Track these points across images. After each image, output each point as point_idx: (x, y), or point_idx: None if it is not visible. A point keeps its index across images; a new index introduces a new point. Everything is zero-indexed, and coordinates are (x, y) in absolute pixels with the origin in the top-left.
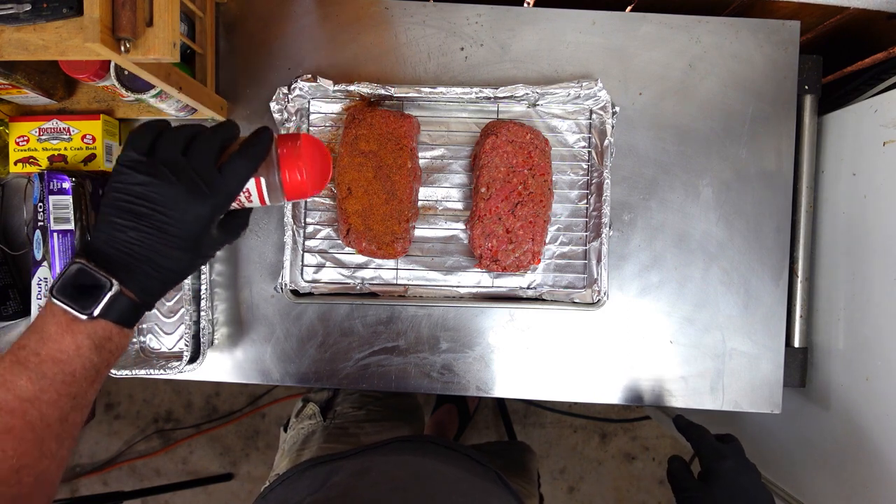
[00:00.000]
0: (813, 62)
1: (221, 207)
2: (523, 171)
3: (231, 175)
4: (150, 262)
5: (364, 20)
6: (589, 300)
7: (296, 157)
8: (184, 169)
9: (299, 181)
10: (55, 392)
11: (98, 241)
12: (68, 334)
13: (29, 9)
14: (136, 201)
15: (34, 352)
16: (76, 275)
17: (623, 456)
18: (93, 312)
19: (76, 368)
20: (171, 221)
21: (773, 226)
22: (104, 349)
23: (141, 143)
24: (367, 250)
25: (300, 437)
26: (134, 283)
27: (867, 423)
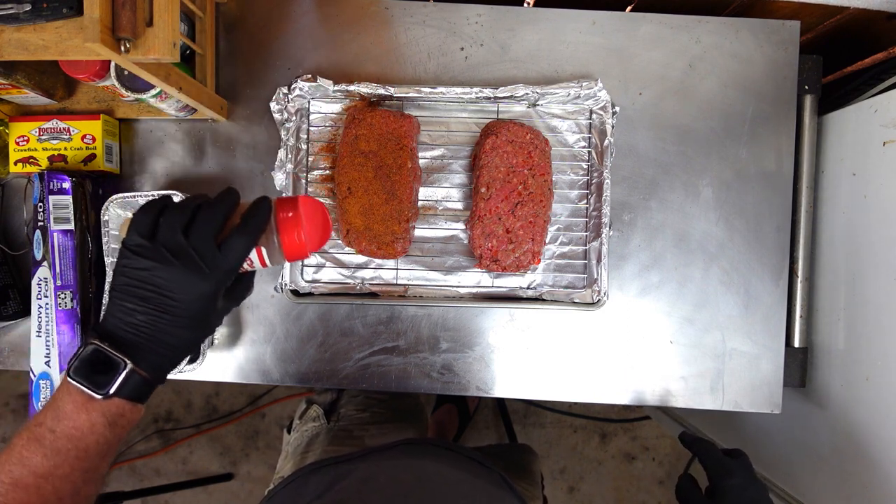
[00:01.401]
0: (813, 62)
1: (224, 283)
2: (523, 171)
3: (231, 252)
4: (158, 343)
5: (364, 20)
6: (589, 300)
7: (295, 221)
8: (184, 251)
9: (298, 244)
10: (69, 467)
11: (109, 323)
12: (83, 412)
13: (29, 9)
14: (141, 285)
15: (50, 429)
16: (91, 355)
17: (623, 456)
18: (108, 391)
19: (90, 444)
20: (176, 303)
21: (773, 226)
22: (117, 425)
23: (143, 227)
24: (367, 250)
25: (304, 439)
26: (145, 362)
27: (867, 423)
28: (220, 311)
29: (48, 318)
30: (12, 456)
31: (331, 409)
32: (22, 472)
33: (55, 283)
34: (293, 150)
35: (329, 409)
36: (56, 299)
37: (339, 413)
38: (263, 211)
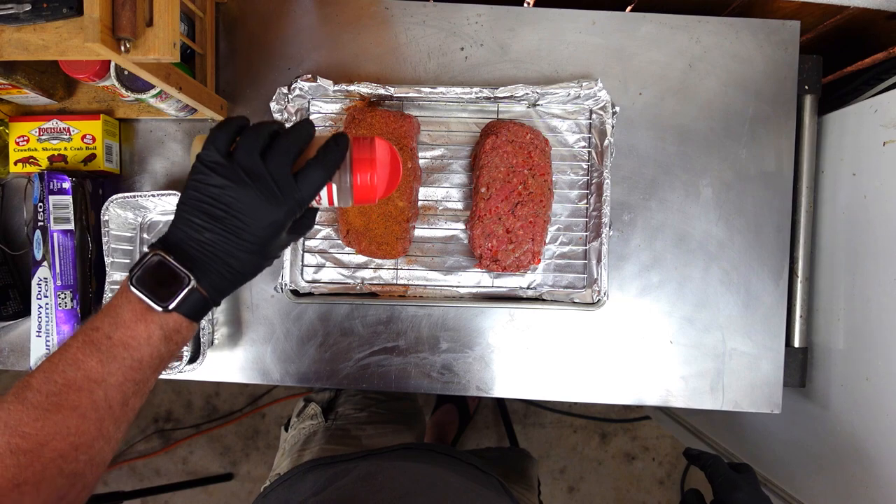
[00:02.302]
0: (813, 62)
1: (294, 213)
2: (523, 171)
3: (307, 184)
4: (223, 264)
5: (364, 20)
6: (589, 300)
7: (369, 161)
8: (262, 175)
9: (369, 186)
10: (122, 376)
11: (175, 237)
12: (142, 322)
13: (29, 9)
14: (214, 203)
15: (106, 335)
16: (156, 267)
17: (623, 456)
18: (168, 305)
19: (144, 356)
20: (246, 226)
21: (773, 226)
22: (172, 340)
23: (221, 144)
24: (367, 250)
25: (301, 437)
26: (207, 280)
27: (867, 424)
28: (282, 243)
29: (48, 318)
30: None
31: (329, 408)
32: (76, 374)
33: (55, 283)
34: None
35: (327, 408)
36: (56, 299)
37: (336, 412)
38: (342, 146)
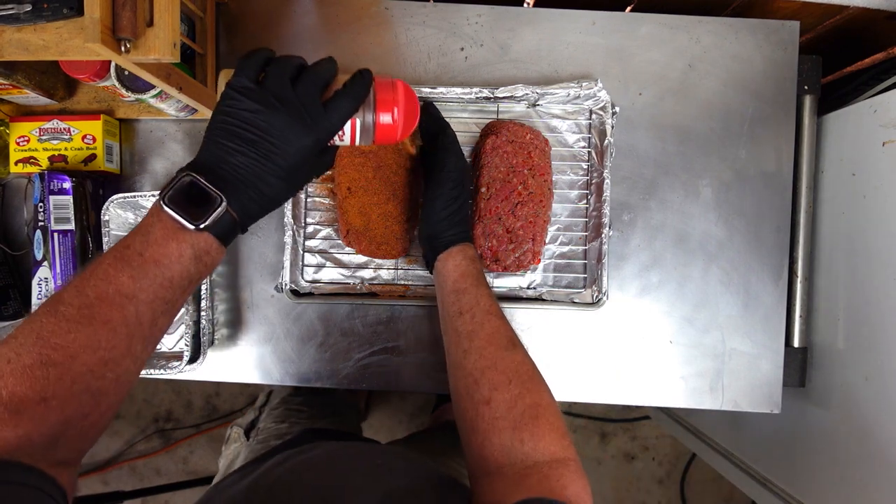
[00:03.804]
0: (812, 62)
1: (322, 142)
2: (523, 171)
3: (335, 112)
4: (253, 187)
5: (364, 20)
6: (589, 300)
7: (392, 101)
8: (292, 101)
9: (392, 125)
10: (152, 293)
11: (206, 159)
12: (173, 241)
13: (29, 9)
14: (246, 126)
15: (138, 252)
16: (188, 187)
17: (623, 456)
18: (200, 224)
19: (174, 274)
20: (277, 150)
21: (772, 226)
22: (201, 261)
23: (251, 71)
24: (367, 250)
25: (227, 462)
26: (237, 203)
27: (867, 423)
28: (309, 173)
29: None
30: (98, 272)
31: (251, 428)
32: (108, 288)
33: (56, 283)
34: None
35: (249, 428)
36: None
37: (258, 429)
38: (367, 79)
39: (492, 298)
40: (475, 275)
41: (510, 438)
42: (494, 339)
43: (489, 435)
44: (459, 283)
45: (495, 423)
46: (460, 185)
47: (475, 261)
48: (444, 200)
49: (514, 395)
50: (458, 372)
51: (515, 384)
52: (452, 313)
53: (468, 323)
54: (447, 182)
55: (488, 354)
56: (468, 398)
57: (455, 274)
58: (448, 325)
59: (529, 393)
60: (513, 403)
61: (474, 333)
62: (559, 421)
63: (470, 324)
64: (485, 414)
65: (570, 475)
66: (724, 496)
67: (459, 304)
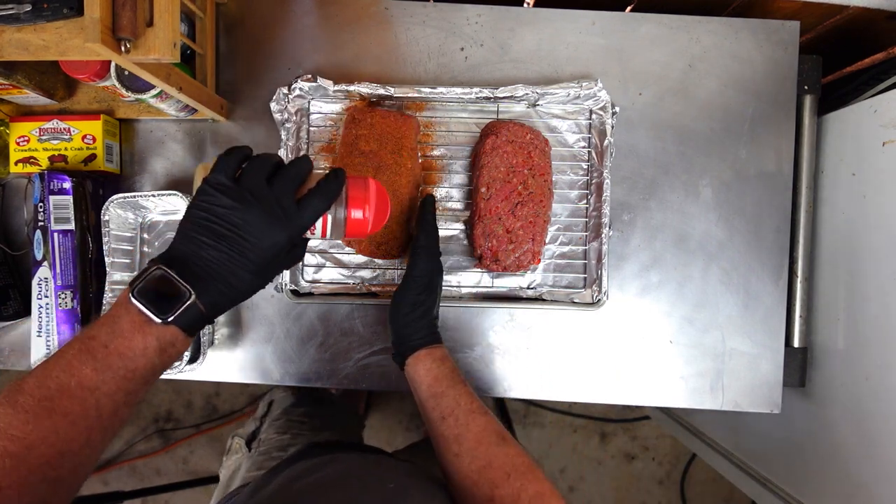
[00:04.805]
0: (813, 62)
1: (296, 237)
2: (523, 171)
3: (308, 209)
4: (223, 281)
5: (364, 20)
6: (589, 300)
7: (364, 198)
8: (267, 198)
9: (362, 220)
10: (115, 385)
11: (179, 252)
12: (139, 333)
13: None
14: (220, 222)
15: (103, 344)
16: (158, 280)
17: (623, 456)
18: (168, 318)
19: (139, 366)
20: (250, 246)
21: (772, 226)
22: (166, 353)
23: (229, 168)
24: (367, 250)
25: (229, 473)
26: (207, 296)
27: (867, 423)
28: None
29: (49, 318)
30: (61, 363)
31: (252, 438)
32: (69, 380)
33: (56, 283)
34: (293, 151)
35: (250, 439)
36: (56, 299)
37: (259, 440)
38: (340, 179)
39: (471, 396)
40: (449, 375)
41: None
42: (484, 438)
43: None
44: (434, 387)
45: None
46: (426, 289)
47: (445, 360)
48: (408, 305)
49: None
50: (454, 476)
51: (515, 477)
52: (435, 418)
53: (453, 427)
54: (413, 287)
55: (481, 454)
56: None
57: (428, 379)
58: (433, 430)
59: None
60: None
61: (461, 437)
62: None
63: (455, 427)
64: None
65: None
66: (724, 496)
67: (441, 409)
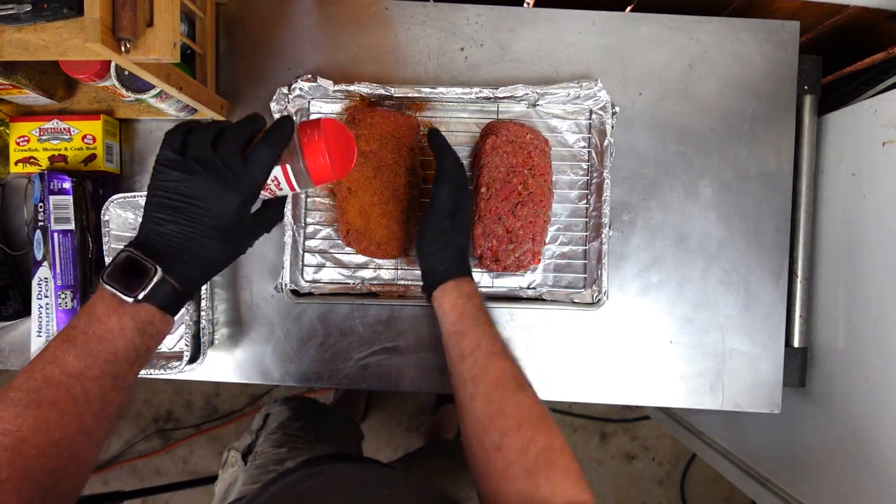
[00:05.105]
0: (813, 62)
1: (250, 195)
2: (523, 171)
3: (255, 163)
4: (189, 253)
5: (364, 20)
6: (589, 300)
7: (318, 142)
8: (212, 162)
9: (323, 164)
10: (99, 370)
11: (142, 235)
12: (114, 315)
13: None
14: (173, 196)
15: (83, 331)
16: (124, 262)
17: (623, 456)
18: (138, 296)
19: (119, 348)
20: (204, 212)
21: (772, 226)
22: (146, 332)
23: (174, 143)
24: (367, 250)
25: (224, 486)
26: (175, 271)
27: (867, 423)
28: (251, 231)
29: (49, 318)
30: (46, 355)
31: (248, 452)
32: (54, 370)
33: (56, 283)
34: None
35: (246, 452)
36: (56, 299)
37: (255, 453)
38: (285, 126)
39: (494, 338)
40: (473, 314)
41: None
42: (501, 383)
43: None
44: (458, 325)
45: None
46: (450, 217)
47: (473, 296)
48: (432, 234)
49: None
50: (467, 417)
51: (526, 428)
52: (455, 357)
53: (472, 367)
54: (436, 214)
55: (496, 399)
56: (479, 445)
57: (452, 315)
58: (453, 368)
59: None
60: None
61: (479, 378)
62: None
63: (473, 368)
64: (496, 461)
65: None
66: (724, 496)
67: (461, 348)
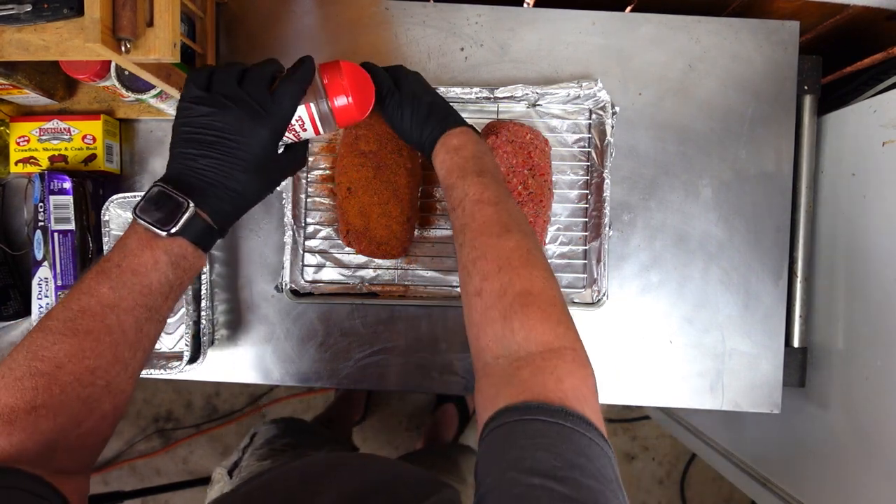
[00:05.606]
0: (812, 62)
1: (279, 129)
2: (523, 171)
3: (283, 97)
4: (221, 186)
5: (364, 20)
6: (589, 300)
7: (340, 81)
8: (240, 97)
9: (347, 105)
10: (132, 301)
11: (173, 170)
12: (148, 249)
13: (30, 9)
14: (203, 131)
15: (116, 264)
16: (157, 196)
17: (623, 456)
18: (171, 230)
19: (153, 281)
20: (236, 145)
21: (772, 226)
22: (179, 266)
23: (199, 81)
24: (367, 250)
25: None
26: (208, 205)
27: (867, 423)
28: (280, 168)
29: None
30: (82, 286)
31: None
32: (90, 301)
33: (56, 283)
34: None
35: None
36: (57, 299)
37: (240, 467)
38: (308, 65)
39: (482, 185)
40: (460, 165)
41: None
42: (486, 228)
43: (483, 326)
44: (447, 179)
45: (487, 314)
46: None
47: (461, 149)
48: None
49: (504, 283)
50: (459, 267)
51: (505, 271)
52: (448, 211)
53: (460, 217)
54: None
55: (479, 245)
56: (464, 292)
57: (442, 172)
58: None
59: (520, 279)
60: (502, 292)
61: (466, 226)
62: (553, 308)
63: (462, 217)
64: (477, 305)
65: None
66: (724, 496)
67: (451, 201)
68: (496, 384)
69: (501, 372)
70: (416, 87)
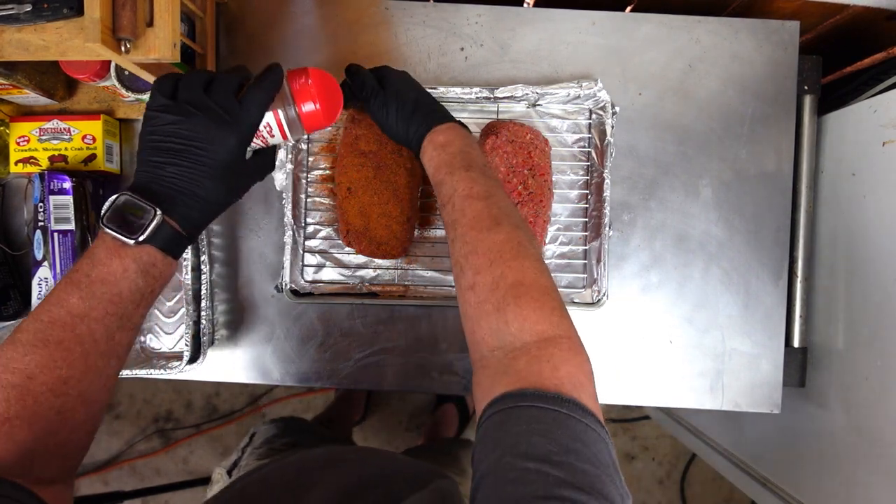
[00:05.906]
0: (812, 62)
1: (246, 135)
2: (523, 171)
3: (250, 104)
4: (189, 193)
5: (364, 20)
6: (589, 300)
7: (307, 87)
8: (206, 104)
9: (314, 111)
10: (103, 310)
11: (141, 178)
12: (116, 258)
13: (30, 9)
14: (169, 139)
15: (85, 274)
16: (124, 205)
17: (623, 456)
18: (139, 238)
19: (123, 290)
20: (203, 153)
21: (772, 226)
22: (149, 274)
23: (165, 88)
24: (367, 250)
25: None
26: (176, 212)
27: (867, 423)
28: (247, 175)
29: None
30: (52, 298)
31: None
32: (60, 311)
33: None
34: (293, 150)
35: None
36: None
37: (239, 467)
38: (276, 72)
39: (470, 180)
40: (448, 161)
41: (496, 321)
42: (476, 223)
43: (478, 320)
44: (436, 176)
45: (481, 308)
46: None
47: (447, 145)
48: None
49: (496, 275)
50: (452, 263)
51: (497, 264)
52: (439, 207)
53: (451, 213)
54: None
55: (470, 239)
56: (458, 287)
57: (431, 169)
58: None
59: (511, 271)
60: (495, 285)
61: (457, 221)
62: (546, 297)
63: (452, 213)
64: (471, 299)
65: (561, 354)
66: (724, 496)
67: (441, 197)
68: (493, 375)
69: (498, 363)
70: (400, 85)
